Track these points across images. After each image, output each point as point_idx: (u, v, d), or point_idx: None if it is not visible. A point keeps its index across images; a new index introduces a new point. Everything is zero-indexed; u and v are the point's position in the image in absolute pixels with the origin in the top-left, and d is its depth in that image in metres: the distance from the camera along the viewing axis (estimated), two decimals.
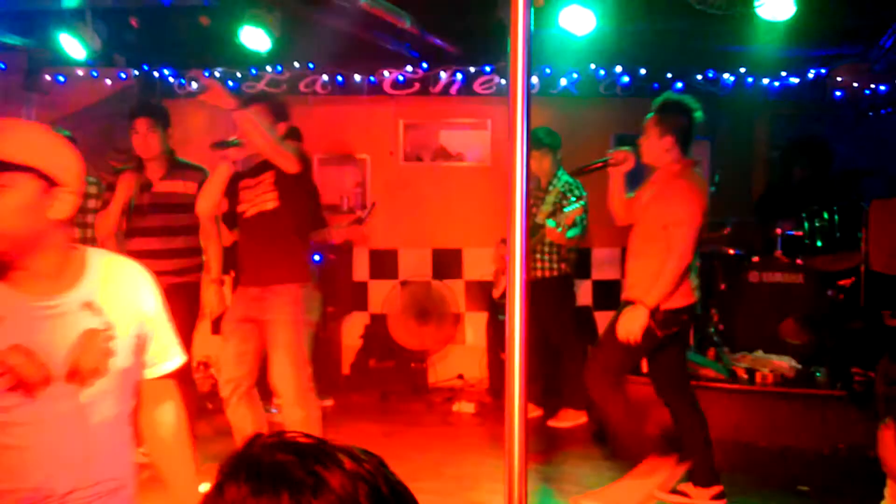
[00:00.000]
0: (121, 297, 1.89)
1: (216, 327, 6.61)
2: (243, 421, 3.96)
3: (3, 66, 6.65)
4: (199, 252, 4.51)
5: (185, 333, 4.41)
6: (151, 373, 2.01)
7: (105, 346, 1.83)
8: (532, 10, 1.91)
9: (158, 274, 4.35)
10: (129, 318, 1.89)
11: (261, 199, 3.99)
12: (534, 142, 5.32)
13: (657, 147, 3.99)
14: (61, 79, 6.76)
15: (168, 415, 2.05)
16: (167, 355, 2.04)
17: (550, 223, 5.09)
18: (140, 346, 1.93)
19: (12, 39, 6.18)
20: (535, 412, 5.47)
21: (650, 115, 4.04)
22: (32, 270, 1.77)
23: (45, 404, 1.75)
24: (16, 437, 1.73)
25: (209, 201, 4.04)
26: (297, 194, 4.00)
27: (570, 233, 5.28)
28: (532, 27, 1.91)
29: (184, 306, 4.41)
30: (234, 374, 3.97)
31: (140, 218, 4.39)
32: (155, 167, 4.45)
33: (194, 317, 4.57)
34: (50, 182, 1.73)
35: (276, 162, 3.89)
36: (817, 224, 5.52)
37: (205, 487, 0.98)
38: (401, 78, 6.47)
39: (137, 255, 4.32)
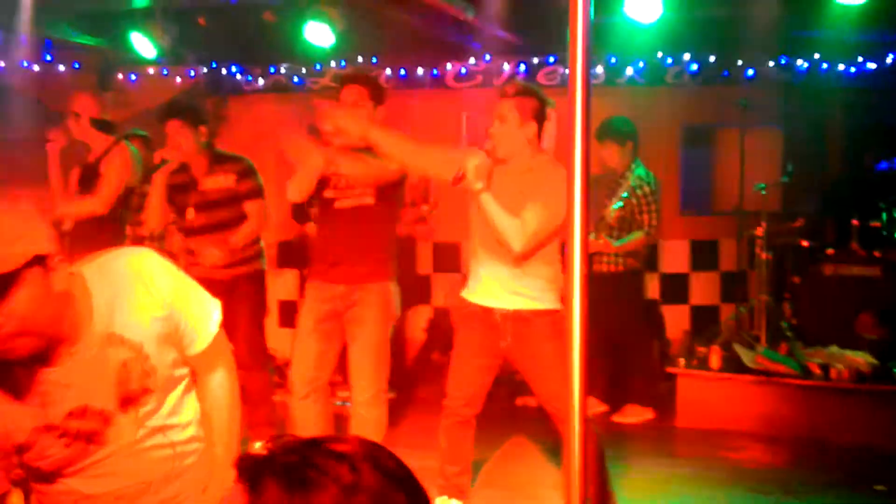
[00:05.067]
0: (134, 309, 1.82)
1: (283, 319, 6.76)
2: (312, 419, 3.90)
3: (77, 66, 6.85)
4: (257, 241, 4.55)
5: (253, 323, 4.50)
6: (196, 347, 1.95)
7: (142, 368, 1.81)
8: None
9: (218, 268, 4.39)
10: (152, 323, 1.83)
11: (359, 191, 3.81)
12: (607, 132, 5.26)
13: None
14: (133, 77, 6.94)
15: (214, 384, 2.01)
16: (202, 322, 1.95)
17: (591, 234, 4.99)
18: (172, 334, 1.88)
19: (86, 39, 6.37)
20: (600, 408, 5.40)
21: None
22: (54, 339, 1.72)
23: (115, 440, 1.80)
24: (105, 468, 1.81)
25: (302, 190, 3.85)
26: (394, 192, 3.89)
27: (622, 240, 5.18)
28: (593, 15, 1.87)
29: (248, 296, 4.46)
30: (313, 374, 3.90)
31: (191, 216, 4.42)
32: (197, 165, 4.38)
33: (262, 305, 4.61)
34: (45, 260, 1.64)
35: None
36: (895, 215, 5.32)
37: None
38: (463, 70, 6.45)
39: (195, 253, 4.41)
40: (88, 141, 4.70)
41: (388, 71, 6.54)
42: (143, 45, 5.83)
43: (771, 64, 6.23)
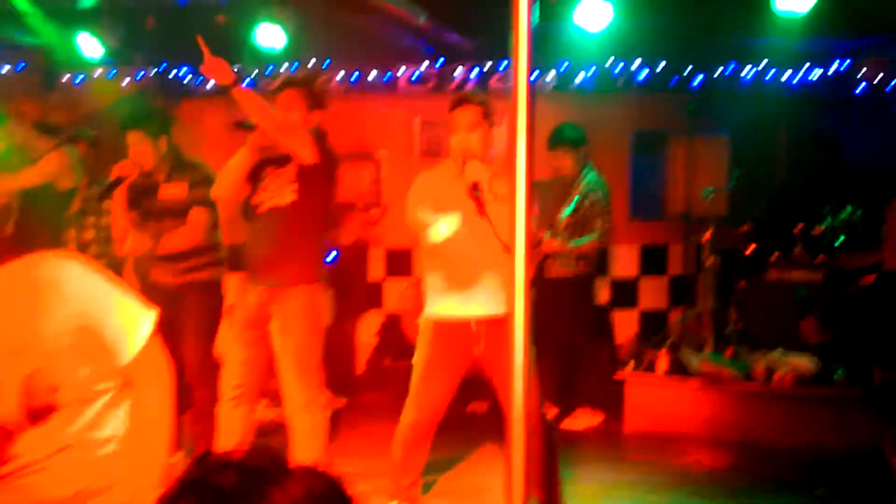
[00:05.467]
0: (40, 321, 1.75)
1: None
2: (233, 424, 3.82)
3: (22, 65, 6.70)
4: (214, 248, 4.47)
5: (206, 330, 4.41)
6: (122, 358, 1.87)
7: (48, 382, 1.75)
8: (537, 3, 1.87)
9: (176, 274, 4.28)
10: (60, 336, 1.76)
11: (280, 191, 3.76)
12: (559, 139, 5.28)
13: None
14: (80, 78, 6.80)
15: (143, 397, 1.92)
16: (128, 333, 1.87)
17: (547, 234, 5.05)
18: (89, 346, 1.81)
19: (31, 39, 6.23)
20: (552, 411, 5.42)
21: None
22: None
23: (30, 452, 1.75)
24: (18, 482, 1.76)
25: (224, 187, 3.83)
26: (318, 189, 3.79)
27: (577, 241, 5.21)
28: (537, 20, 1.87)
29: (203, 303, 4.36)
30: (239, 380, 3.82)
31: (151, 223, 4.35)
32: (158, 170, 4.33)
33: (215, 313, 4.52)
34: None
35: (288, 147, 3.66)
36: (838, 221, 5.42)
37: None
38: (416, 74, 6.44)
39: (155, 258, 4.33)
40: (31, 144, 4.59)
41: (341, 74, 6.50)
42: (90, 45, 5.73)
43: (719, 71, 6.32)
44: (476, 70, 6.36)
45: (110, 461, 1.90)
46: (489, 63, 6.33)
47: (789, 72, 6.29)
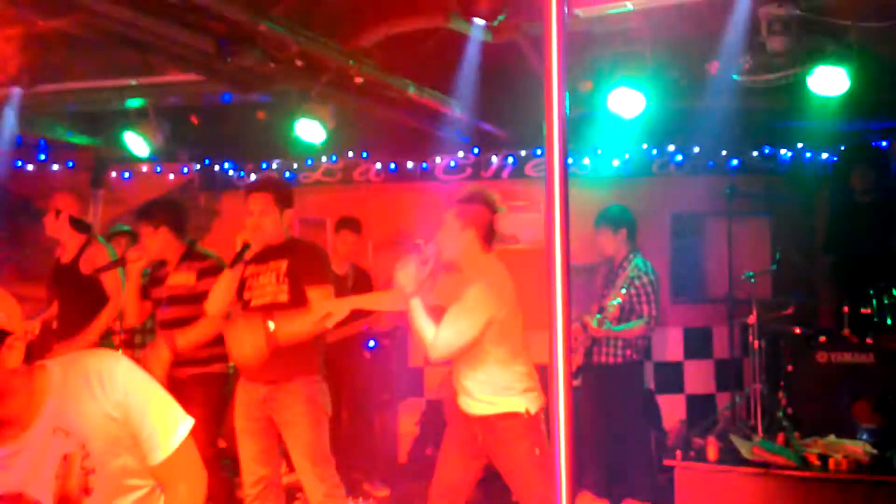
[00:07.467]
0: (85, 406, 1.82)
1: None
2: None
3: (70, 165, 6.94)
4: (221, 341, 4.46)
5: (211, 422, 4.32)
6: (155, 457, 1.91)
7: (83, 466, 1.82)
8: (567, 92, 1.90)
9: (182, 364, 4.28)
10: (101, 422, 1.84)
11: (270, 289, 3.88)
12: (601, 219, 5.29)
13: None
14: (126, 175, 7.02)
15: (174, 498, 1.95)
16: (162, 433, 1.92)
17: (593, 320, 5.04)
18: (125, 438, 1.86)
19: (80, 139, 6.47)
20: (599, 503, 5.26)
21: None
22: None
23: None
24: None
25: (218, 304, 3.99)
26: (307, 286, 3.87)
27: (623, 326, 5.16)
28: (568, 109, 1.90)
29: (210, 395, 4.32)
30: (257, 473, 3.90)
31: (161, 310, 4.43)
32: (171, 261, 4.46)
33: (222, 406, 4.44)
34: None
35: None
36: (886, 301, 5.29)
37: None
38: (452, 163, 6.54)
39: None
40: (62, 238, 4.74)
41: (379, 165, 6.62)
42: (136, 143, 5.91)
43: (755, 153, 6.32)
44: (511, 158, 6.45)
45: None
46: (524, 151, 6.41)
47: (826, 153, 6.28)
